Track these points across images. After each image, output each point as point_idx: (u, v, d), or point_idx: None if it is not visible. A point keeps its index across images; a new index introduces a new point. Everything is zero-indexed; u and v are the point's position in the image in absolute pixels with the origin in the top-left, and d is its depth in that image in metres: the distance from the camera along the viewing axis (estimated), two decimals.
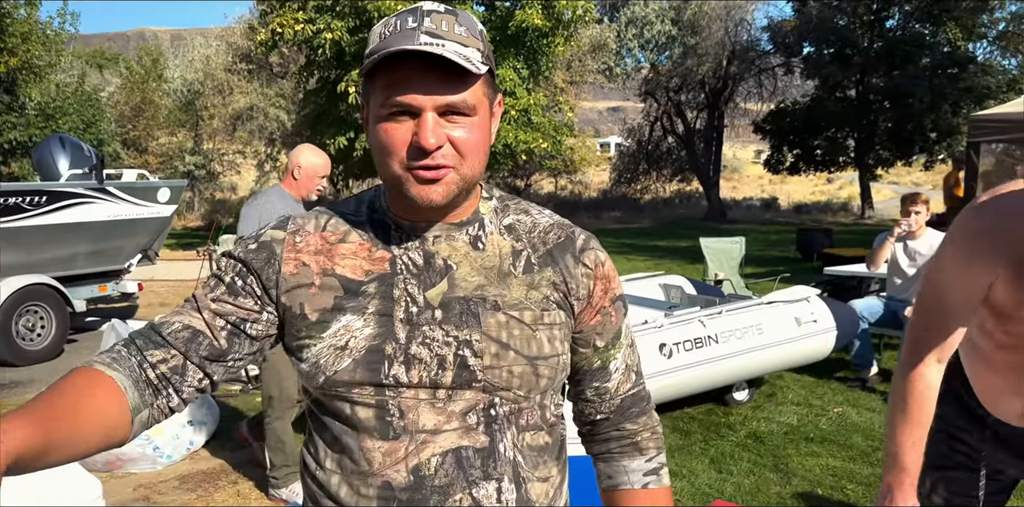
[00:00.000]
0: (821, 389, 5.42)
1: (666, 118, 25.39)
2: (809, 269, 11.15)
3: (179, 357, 1.04)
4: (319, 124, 14.44)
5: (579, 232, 1.16)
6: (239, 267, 1.09)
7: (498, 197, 1.16)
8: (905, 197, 5.38)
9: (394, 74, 0.98)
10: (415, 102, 0.98)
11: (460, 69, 0.97)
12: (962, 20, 20.73)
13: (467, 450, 1.04)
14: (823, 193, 31.92)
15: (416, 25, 0.98)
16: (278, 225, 1.12)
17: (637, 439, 1.22)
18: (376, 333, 1.03)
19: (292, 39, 13.03)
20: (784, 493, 3.76)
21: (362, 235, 1.10)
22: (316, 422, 1.11)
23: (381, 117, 1.01)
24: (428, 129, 0.98)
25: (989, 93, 20.77)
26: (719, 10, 21.79)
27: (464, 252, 1.08)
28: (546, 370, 1.07)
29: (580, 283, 1.12)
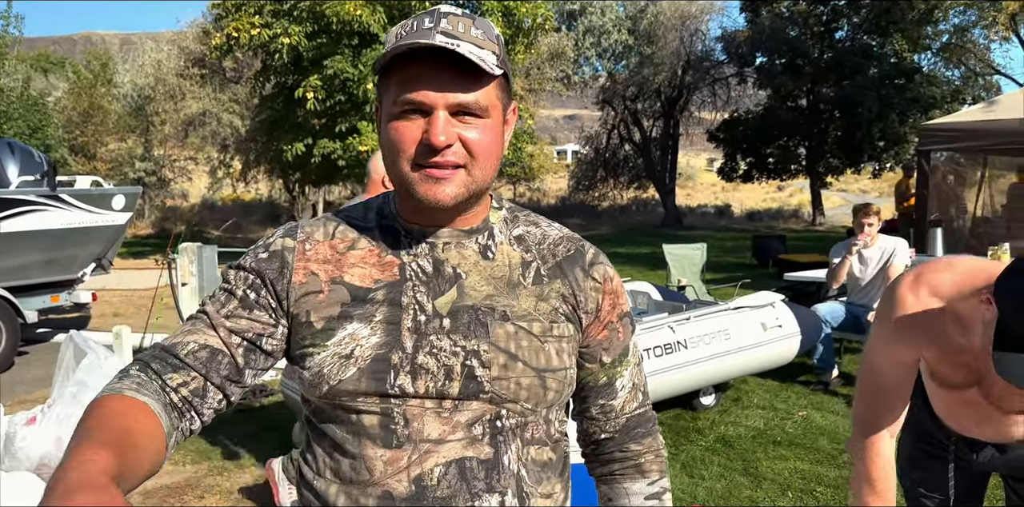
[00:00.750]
0: (785, 393, 5.50)
1: (623, 126, 25.65)
2: (765, 275, 11.35)
3: (199, 379, 1.01)
4: (275, 130, 14.26)
5: (588, 246, 1.16)
6: (252, 279, 1.06)
7: (508, 208, 1.15)
8: (857, 209, 5.51)
9: (407, 71, 0.98)
10: (427, 100, 0.97)
11: (474, 69, 0.97)
12: (908, 32, 21.35)
13: (471, 461, 1.01)
14: (774, 200, 32.54)
15: (432, 25, 0.98)
16: (287, 233, 1.10)
17: (640, 461, 1.20)
18: (382, 342, 1.01)
19: (248, 44, 12.85)
20: (756, 497, 3.80)
21: (371, 242, 1.08)
22: (315, 431, 1.08)
23: (392, 115, 1.00)
24: (439, 126, 0.97)
25: (935, 103, 21.42)
26: (674, 20, 22.10)
27: (474, 260, 1.07)
28: (554, 383, 1.06)
29: (589, 296, 1.11)
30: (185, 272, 5.53)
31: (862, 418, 1.70)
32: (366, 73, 12.27)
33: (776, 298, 5.23)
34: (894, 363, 1.63)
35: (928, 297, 1.56)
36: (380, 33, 12.54)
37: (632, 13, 22.65)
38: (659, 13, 22.05)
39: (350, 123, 12.80)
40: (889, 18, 21.21)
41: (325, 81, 12.42)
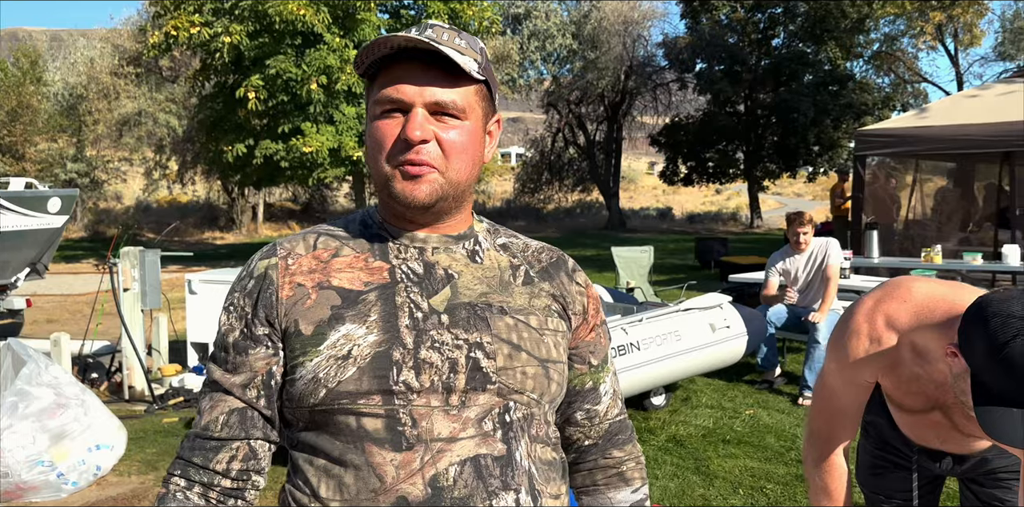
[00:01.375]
0: (732, 392, 5.61)
1: (567, 129, 25.87)
2: (708, 276, 11.57)
3: (243, 444, 1.03)
4: (215, 130, 13.96)
5: (565, 255, 1.20)
6: (243, 313, 1.05)
7: (487, 221, 1.18)
8: (791, 218, 5.65)
9: (390, 72, 1.01)
10: (405, 96, 0.99)
11: (454, 70, 1.00)
12: (841, 40, 22.05)
13: (486, 458, 0.99)
14: (713, 203, 33.21)
15: (418, 33, 1.01)
16: (266, 254, 1.08)
17: (623, 468, 1.21)
18: (381, 339, 0.99)
19: (187, 42, 12.58)
20: (708, 495, 3.86)
21: (355, 249, 1.07)
22: (307, 450, 1.03)
23: (375, 115, 1.02)
24: (415, 122, 0.98)
25: (867, 109, 22.17)
26: (617, 26, 22.39)
27: (464, 263, 1.08)
28: (556, 375, 1.06)
29: (575, 299, 1.14)
30: (127, 277, 5.36)
31: (818, 434, 1.73)
32: (310, 73, 12.12)
33: (724, 299, 5.33)
34: (850, 385, 1.66)
35: (885, 327, 1.58)
36: (324, 33, 12.40)
37: (576, 18, 22.87)
38: (602, 18, 22.32)
39: (293, 124, 12.62)
40: (823, 27, 21.88)
41: (267, 81, 12.23)
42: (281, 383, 1.04)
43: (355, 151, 12.59)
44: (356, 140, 12.78)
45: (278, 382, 1.04)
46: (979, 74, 50.47)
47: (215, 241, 21.79)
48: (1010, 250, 6.99)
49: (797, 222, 5.56)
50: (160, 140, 21.65)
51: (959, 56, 22.69)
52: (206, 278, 5.98)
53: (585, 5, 22.98)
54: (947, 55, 22.97)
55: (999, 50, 21.90)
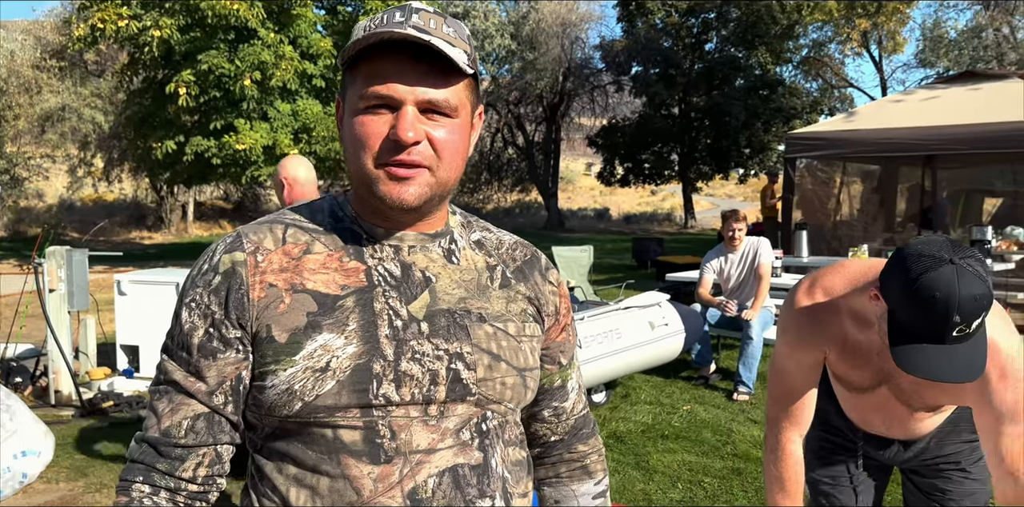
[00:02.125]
0: (670, 388, 5.71)
1: (507, 130, 25.93)
2: (645, 276, 11.74)
3: (209, 450, 0.99)
4: (143, 127, 13.53)
5: (538, 251, 1.17)
6: (208, 312, 0.98)
7: (460, 213, 1.13)
8: (726, 215, 5.80)
9: (376, 65, 0.94)
10: (395, 94, 0.93)
11: (445, 66, 0.94)
12: (771, 45, 22.66)
13: (463, 468, 0.98)
14: (648, 204, 33.73)
15: (403, 19, 0.94)
16: (232, 246, 1.00)
17: (586, 462, 1.22)
18: (361, 351, 0.95)
19: (114, 36, 12.17)
20: (648, 490, 3.93)
21: (328, 246, 1.01)
22: (275, 457, 0.99)
23: (358, 110, 0.95)
24: (407, 121, 0.92)
25: (796, 113, 22.83)
26: (555, 27, 22.54)
27: (441, 264, 1.04)
28: (532, 382, 1.06)
29: (549, 300, 1.12)
30: (53, 277, 5.15)
31: (775, 420, 1.77)
32: (243, 69, 11.86)
33: (662, 298, 5.42)
34: (800, 366, 1.71)
35: (824, 298, 1.65)
36: (258, 28, 12.16)
37: (515, 18, 22.94)
38: (540, 20, 22.44)
39: (226, 121, 12.33)
40: (755, 32, 22.45)
41: (199, 76, 11.92)
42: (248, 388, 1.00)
43: (290, 149, 12.37)
44: (291, 138, 12.57)
45: (246, 387, 0.99)
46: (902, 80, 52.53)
47: (143, 241, 21.16)
48: None
49: (732, 219, 5.70)
50: (85, 136, 20.89)
51: (883, 62, 23.57)
52: (136, 279, 5.81)
53: (523, 6, 23.08)
54: (872, 61, 23.85)
55: (920, 57, 22.81)
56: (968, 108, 8.14)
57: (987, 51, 20.64)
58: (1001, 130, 7.58)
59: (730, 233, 5.70)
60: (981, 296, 1.32)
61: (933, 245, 1.37)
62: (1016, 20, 20.42)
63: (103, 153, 21.97)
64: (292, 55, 12.37)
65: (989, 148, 7.92)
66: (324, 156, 12.76)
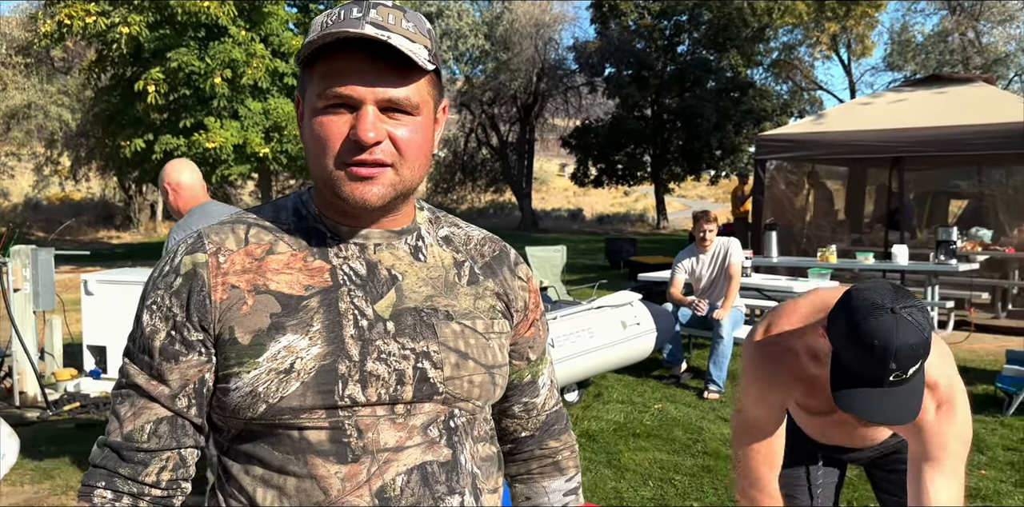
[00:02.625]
0: (641, 387, 5.74)
1: (480, 130, 25.93)
2: (618, 276, 11.81)
3: (173, 454, 0.97)
4: (112, 125, 13.37)
5: (508, 246, 1.16)
6: (169, 315, 0.96)
7: (428, 208, 1.12)
8: (697, 216, 5.87)
9: (334, 64, 0.92)
10: (355, 94, 0.91)
11: (405, 63, 0.92)
12: (742, 48, 22.89)
13: (432, 465, 0.98)
14: (621, 205, 33.90)
15: (361, 15, 0.92)
16: (193, 247, 0.99)
17: (558, 458, 1.21)
18: (326, 351, 0.94)
19: (81, 32, 11.99)
20: (620, 488, 3.95)
21: (291, 245, 1.00)
22: (241, 458, 0.98)
23: (317, 109, 0.94)
24: (368, 122, 0.91)
25: (766, 115, 23.08)
26: (529, 28, 22.59)
27: (408, 261, 1.03)
28: (500, 379, 1.05)
29: (518, 295, 1.11)
30: (18, 277, 5.07)
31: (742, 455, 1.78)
32: (214, 67, 11.75)
33: (634, 297, 5.45)
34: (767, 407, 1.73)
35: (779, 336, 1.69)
36: (229, 26, 12.05)
37: (488, 19, 22.95)
38: (514, 20, 22.47)
39: (196, 119, 12.21)
40: (726, 35, 22.66)
41: (168, 74, 11.79)
42: (212, 390, 0.99)
43: (261, 147, 12.27)
44: (262, 136, 12.47)
45: (210, 389, 0.98)
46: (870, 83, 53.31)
47: (111, 240, 20.87)
48: (899, 250, 7.41)
49: (703, 220, 5.77)
50: (52, 134, 20.59)
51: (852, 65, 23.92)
52: (103, 278, 5.74)
53: (497, 6, 23.09)
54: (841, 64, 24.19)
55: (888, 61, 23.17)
56: (934, 111, 8.29)
57: (953, 55, 21.02)
58: (966, 133, 7.72)
59: (701, 234, 5.76)
60: (918, 345, 1.38)
61: (878, 292, 1.43)
62: (981, 25, 20.83)
63: (70, 151, 21.65)
64: (263, 53, 12.27)
65: (955, 150, 8.06)
66: (296, 155, 12.67)
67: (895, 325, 1.37)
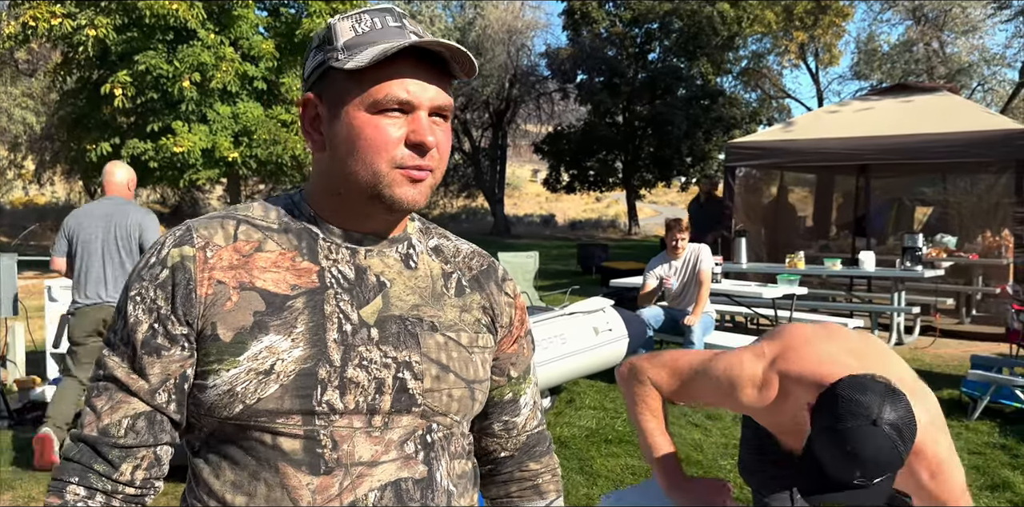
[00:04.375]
0: (613, 393, 5.75)
1: (453, 135, 25.85)
2: (590, 281, 11.84)
3: (148, 451, 0.96)
4: (77, 128, 13.16)
5: (496, 261, 1.16)
6: (154, 307, 0.95)
7: (419, 219, 1.12)
8: (670, 225, 5.93)
9: (392, 68, 0.94)
10: (414, 99, 0.94)
11: (446, 70, 0.97)
12: (712, 56, 23.14)
13: (406, 482, 0.96)
14: (593, 211, 34.06)
15: (400, 25, 0.97)
16: (181, 240, 0.97)
17: (538, 481, 1.19)
18: (307, 355, 0.93)
19: (47, 34, 11.79)
20: (592, 494, 3.94)
21: (281, 243, 0.99)
22: (213, 461, 0.97)
23: (370, 112, 0.95)
24: (426, 126, 0.95)
25: (735, 123, 23.34)
26: (502, 34, 22.65)
27: (397, 269, 1.02)
28: (480, 394, 1.05)
29: (504, 311, 1.11)
30: None
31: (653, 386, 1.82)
32: (182, 70, 11.62)
33: (606, 303, 5.47)
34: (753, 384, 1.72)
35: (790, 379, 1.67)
36: (198, 29, 11.92)
37: (461, 24, 22.98)
38: (487, 26, 22.53)
39: (163, 123, 12.05)
40: (696, 43, 22.89)
41: (136, 77, 11.63)
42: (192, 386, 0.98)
43: (230, 152, 12.14)
44: (231, 140, 12.33)
45: (191, 385, 0.96)
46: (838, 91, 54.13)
47: None
48: (866, 256, 7.51)
49: (676, 228, 5.81)
50: (15, 137, 20.23)
51: (819, 74, 24.27)
52: (67, 285, 5.62)
53: (470, 12, 23.14)
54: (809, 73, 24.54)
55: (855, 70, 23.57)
56: (900, 120, 8.42)
57: (918, 64, 21.43)
58: (931, 141, 7.86)
59: (674, 242, 5.81)
60: (886, 464, 1.39)
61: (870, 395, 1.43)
62: (945, 35, 21.26)
63: (34, 155, 21.28)
64: (233, 56, 12.16)
65: (920, 158, 8.20)
66: (266, 160, 12.55)
67: (871, 437, 1.37)
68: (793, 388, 1.63)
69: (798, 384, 1.62)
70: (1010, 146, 7.50)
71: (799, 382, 1.62)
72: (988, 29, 21.03)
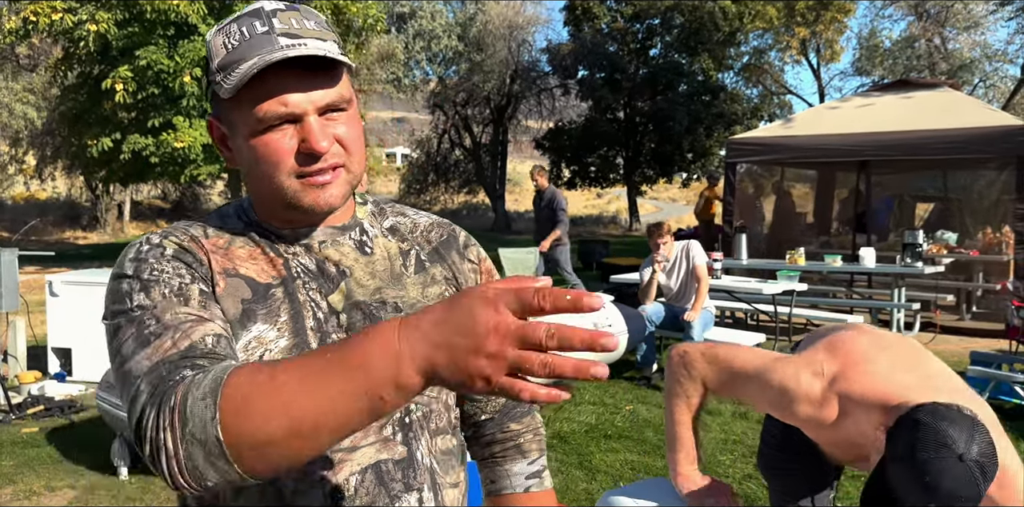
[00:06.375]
0: (613, 388, 5.77)
1: (454, 131, 25.90)
2: (591, 277, 11.84)
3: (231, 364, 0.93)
4: (78, 123, 13.16)
5: (458, 229, 1.16)
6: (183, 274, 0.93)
7: (372, 201, 1.13)
8: (651, 230, 5.95)
9: (264, 85, 0.91)
10: (296, 109, 0.91)
11: (328, 64, 0.93)
12: (714, 52, 23.09)
13: (387, 463, 0.98)
14: (594, 207, 34.01)
15: (268, 29, 0.92)
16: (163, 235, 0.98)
17: (520, 441, 1.22)
18: (291, 344, 0.95)
19: (48, 29, 11.79)
20: (591, 489, 3.96)
21: (248, 242, 1.01)
22: None
23: (257, 130, 0.93)
24: (316, 132, 0.92)
25: (736, 119, 23.30)
26: (503, 30, 22.61)
27: (354, 257, 1.03)
28: None
29: (468, 278, 1.11)
30: None
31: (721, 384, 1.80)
32: (183, 65, 11.61)
33: (606, 299, 5.48)
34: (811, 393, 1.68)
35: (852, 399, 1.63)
36: (199, 24, 11.91)
37: (462, 20, 22.94)
38: (488, 21, 22.48)
39: (164, 118, 12.05)
40: (697, 39, 22.85)
41: (137, 72, 11.63)
42: None
43: None
44: None
45: None
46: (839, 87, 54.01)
47: (77, 241, 20.54)
48: (866, 253, 7.52)
49: (656, 234, 5.85)
50: (16, 133, 20.21)
51: (821, 70, 24.23)
52: (69, 280, 5.65)
53: (471, 7, 23.09)
54: (810, 69, 24.49)
55: (856, 66, 23.54)
56: (901, 116, 8.42)
57: (919, 60, 21.39)
58: (932, 137, 7.85)
59: (656, 248, 5.84)
60: (965, 499, 1.36)
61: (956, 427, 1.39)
62: (947, 31, 21.21)
63: (35, 150, 21.29)
64: None
65: (921, 155, 8.20)
66: None
67: (954, 472, 1.34)
68: (854, 409, 1.61)
69: (860, 405, 1.59)
70: (1011, 142, 7.50)
71: (861, 403, 1.59)
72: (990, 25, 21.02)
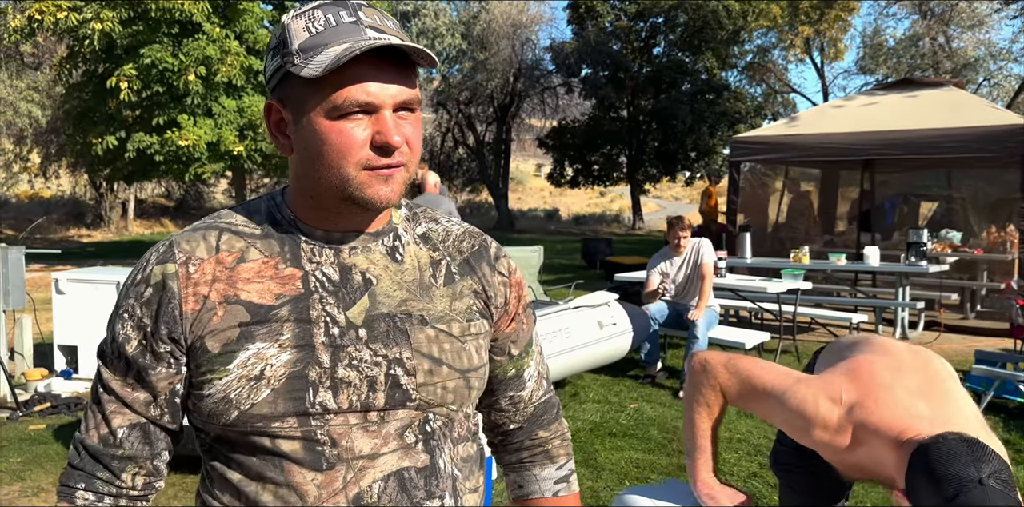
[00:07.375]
0: (618, 387, 5.77)
1: (457, 129, 25.91)
2: (595, 276, 11.85)
3: (147, 461, 1.01)
4: (83, 121, 13.20)
5: (490, 240, 1.15)
6: (140, 325, 0.97)
7: (406, 205, 1.11)
8: (672, 222, 5.93)
9: (350, 71, 0.92)
10: (376, 100, 0.92)
11: (407, 63, 0.94)
12: (717, 50, 23.07)
13: (409, 471, 0.99)
14: (598, 205, 34.03)
15: (355, 20, 0.93)
16: (163, 257, 0.98)
17: (548, 447, 1.22)
18: (296, 358, 0.95)
19: (52, 28, 11.82)
20: (596, 487, 3.97)
21: (263, 251, 0.99)
22: (222, 462, 1.00)
23: (332, 117, 0.93)
24: (392, 126, 0.93)
25: (740, 117, 23.28)
26: (506, 28, 22.60)
27: (383, 265, 1.02)
28: (476, 382, 1.05)
29: (498, 291, 1.10)
30: None
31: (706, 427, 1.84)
32: (188, 64, 11.63)
33: (611, 297, 5.48)
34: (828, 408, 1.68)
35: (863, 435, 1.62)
36: (204, 23, 11.94)
37: (465, 18, 22.94)
38: (491, 20, 22.47)
39: (169, 116, 12.08)
40: (701, 37, 22.83)
41: (141, 71, 11.66)
42: (187, 394, 1.00)
43: (235, 145, 12.16)
44: (236, 134, 12.36)
45: (183, 396, 1.01)
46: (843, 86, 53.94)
47: (82, 239, 20.56)
48: (871, 251, 7.51)
49: (678, 226, 5.82)
50: (21, 130, 20.26)
51: (825, 69, 24.19)
52: (74, 277, 5.66)
53: (474, 6, 23.09)
54: (814, 67, 24.45)
55: (860, 64, 23.49)
56: (905, 114, 8.40)
57: (924, 59, 21.34)
58: (936, 136, 7.84)
59: (676, 240, 5.82)
60: None
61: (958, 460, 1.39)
62: (951, 30, 21.16)
63: (40, 148, 21.35)
64: (238, 50, 12.17)
65: (925, 153, 8.18)
66: (270, 153, 12.58)
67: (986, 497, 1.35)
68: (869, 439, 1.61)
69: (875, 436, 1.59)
70: (1015, 141, 7.48)
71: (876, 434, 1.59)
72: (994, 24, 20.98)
